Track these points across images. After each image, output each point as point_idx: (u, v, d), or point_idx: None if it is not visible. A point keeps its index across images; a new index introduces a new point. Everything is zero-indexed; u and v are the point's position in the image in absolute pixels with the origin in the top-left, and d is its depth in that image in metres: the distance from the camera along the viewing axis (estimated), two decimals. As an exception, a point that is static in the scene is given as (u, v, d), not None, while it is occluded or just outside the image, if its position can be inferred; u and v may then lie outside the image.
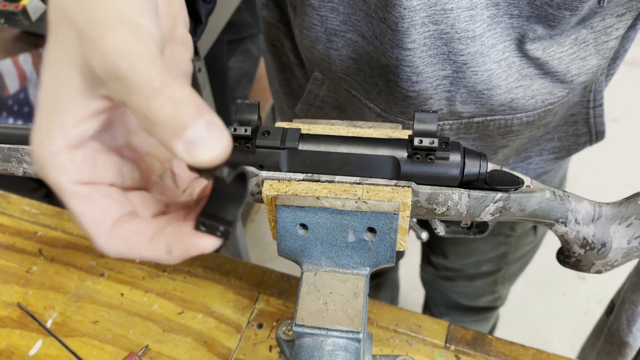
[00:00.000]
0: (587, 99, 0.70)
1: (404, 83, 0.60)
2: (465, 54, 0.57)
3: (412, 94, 0.61)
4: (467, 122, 0.64)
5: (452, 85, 0.60)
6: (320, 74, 0.66)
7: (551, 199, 0.50)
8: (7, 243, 0.75)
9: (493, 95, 0.60)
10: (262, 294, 0.68)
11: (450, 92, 0.61)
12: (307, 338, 0.47)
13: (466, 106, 0.62)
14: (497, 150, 0.69)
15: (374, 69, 0.62)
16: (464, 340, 0.62)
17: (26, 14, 1.01)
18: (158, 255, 0.32)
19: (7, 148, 0.54)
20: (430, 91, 0.60)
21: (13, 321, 0.67)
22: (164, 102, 0.27)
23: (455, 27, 0.55)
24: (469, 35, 0.55)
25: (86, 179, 0.31)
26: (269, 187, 0.48)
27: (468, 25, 0.55)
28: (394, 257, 0.49)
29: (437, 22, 0.55)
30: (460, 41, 0.56)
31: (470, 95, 0.61)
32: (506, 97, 0.61)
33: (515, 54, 0.59)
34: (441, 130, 0.65)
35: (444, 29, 0.55)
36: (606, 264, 0.55)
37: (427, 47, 0.57)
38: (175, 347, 0.64)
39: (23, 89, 1.41)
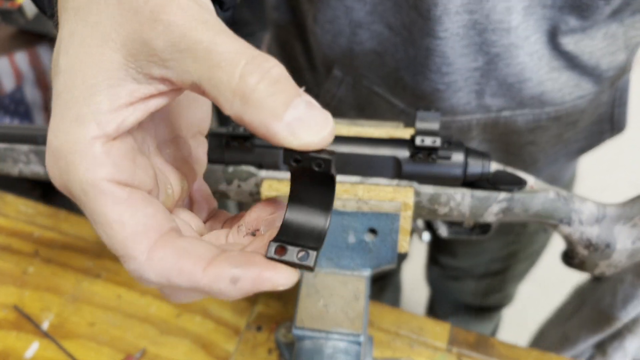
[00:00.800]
0: (613, 97, 0.69)
1: (433, 75, 0.58)
2: (498, 46, 0.56)
3: (441, 86, 0.59)
4: (495, 116, 0.62)
5: (483, 77, 0.59)
6: (339, 71, 0.64)
7: (555, 199, 0.49)
8: (3, 244, 0.74)
9: (523, 88, 0.59)
10: (261, 296, 0.67)
11: (480, 85, 0.59)
12: (307, 341, 0.47)
13: (495, 99, 0.61)
14: (522, 148, 0.67)
15: (400, 62, 0.60)
16: (466, 343, 0.62)
17: (22, 12, 1.00)
18: (219, 284, 0.24)
19: (2, 148, 0.53)
20: (460, 83, 0.59)
21: (9, 323, 0.67)
22: (262, 79, 0.23)
23: (490, 17, 0.53)
24: (504, 27, 0.54)
25: (125, 178, 0.25)
26: (268, 187, 0.48)
27: (504, 16, 0.53)
28: (395, 258, 0.49)
29: (471, 12, 0.53)
30: (495, 32, 0.55)
31: (501, 88, 0.59)
32: (536, 90, 0.59)
33: (546, 46, 0.58)
34: (468, 125, 0.64)
35: (478, 18, 0.54)
36: (610, 264, 0.55)
37: (460, 36, 0.55)
38: (173, 349, 0.63)
39: (19, 88, 1.40)
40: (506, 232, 0.93)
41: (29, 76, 1.42)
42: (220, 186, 0.50)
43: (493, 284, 1.09)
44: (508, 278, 1.06)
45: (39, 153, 0.53)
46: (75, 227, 0.75)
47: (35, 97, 1.46)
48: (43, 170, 0.53)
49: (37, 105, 1.47)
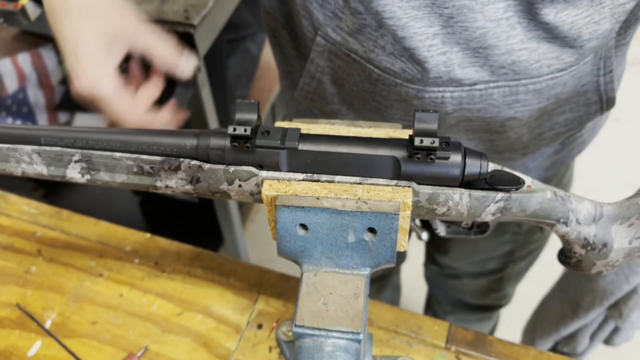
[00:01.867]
0: (597, 66, 0.67)
1: (390, 42, 0.58)
2: (449, 7, 0.55)
3: (404, 53, 0.59)
4: (469, 89, 0.61)
5: (445, 45, 0.58)
6: (322, 39, 0.65)
7: (552, 199, 0.50)
8: (6, 243, 0.75)
9: (490, 55, 0.58)
10: (262, 295, 0.68)
11: (445, 54, 0.58)
12: (307, 339, 0.47)
13: (465, 70, 0.60)
14: (505, 123, 0.66)
15: (370, 26, 0.60)
16: (464, 341, 0.62)
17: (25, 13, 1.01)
18: None
19: (5, 148, 0.54)
20: (424, 52, 0.58)
21: (12, 322, 0.67)
22: None
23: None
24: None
25: None
26: (269, 187, 0.48)
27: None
28: (394, 258, 0.49)
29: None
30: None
31: (466, 55, 0.58)
32: (506, 58, 0.58)
33: (520, 15, 0.56)
34: (442, 99, 0.63)
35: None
36: (607, 264, 0.55)
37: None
38: (175, 347, 0.64)
39: (22, 88, 1.41)
40: (501, 232, 0.93)
41: (32, 77, 1.43)
42: (221, 186, 0.51)
43: (490, 283, 1.09)
44: (505, 278, 1.06)
45: (42, 153, 0.53)
46: (78, 226, 0.76)
47: (38, 97, 1.47)
48: (46, 170, 0.54)
49: (40, 105, 1.48)
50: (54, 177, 0.54)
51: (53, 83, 1.49)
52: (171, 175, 0.52)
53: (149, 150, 0.51)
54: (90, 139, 0.52)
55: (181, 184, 0.52)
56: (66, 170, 0.53)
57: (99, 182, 0.54)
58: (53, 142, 0.53)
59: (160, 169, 0.51)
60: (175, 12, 1.02)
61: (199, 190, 0.52)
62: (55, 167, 0.53)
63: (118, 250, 0.73)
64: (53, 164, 0.53)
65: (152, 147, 0.51)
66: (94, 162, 0.52)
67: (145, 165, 0.51)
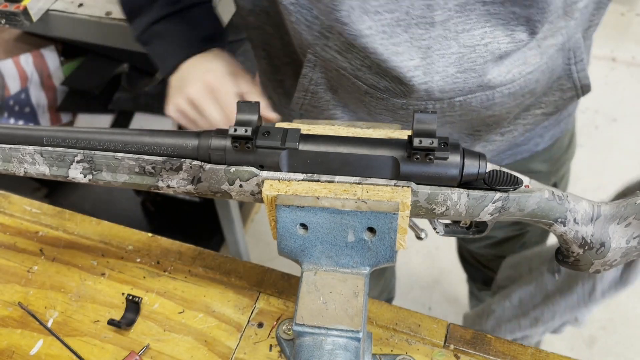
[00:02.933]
0: (567, 57, 0.70)
1: (376, 65, 0.62)
2: (426, 38, 0.59)
3: (389, 74, 0.62)
4: (449, 101, 0.65)
5: (426, 75, 0.61)
6: (312, 55, 0.67)
7: (550, 198, 0.50)
8: (8, 243, 0.75)
9: (468, 77, 0.61)
10: (263, 294, 0.68)
11: (426, 83, 0.62)
12: (307, 337, 0.48)
13: (446, 92, 0.63)
14: (485, 120, 0.70)
15: (356, 49, 0.63)
16: (463, 340, 0.63)
17: (27, 14, 1.01)
18: None
19: (8, 148, 0.54)
20: (406, 80, 0.62)
21: (14, 321, 0.68)
22: None
23: (410, 13, 0.57)
24: (427, 21, 0.58)
25: None
26: (269, 187, 0.49)
27: (426, 12, 0.57)
28: (393, 257, 0.50)
29: (390, 10, 0.57)
30: (419, 27, 0.58)
31: (446, 82, 0.62)
32: (482, 78, 0.62)
33: (499, 40, 0.60)
34: (425, 110, 0.65)
35: (399, 16, 0.58)
36: (605, 263, 0.56)
37: (387, 34, 0.59)
38: (176, 346, 0.64)
39: (24, 89, 1.41)
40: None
41: (34, 78, 1.43)
42: (222, 186, 0.51)
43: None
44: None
45: (44, 154, 0.53)
46: (80, 226, 0.76)
47: (40, 98, 1.47)
48: (48, 170, 0.54)
49: (42, 106, 1.48)
50: (57, 177, 0.55)
51: (55, 84, 1.50)
52: (173, 175, 0.52)
53: (150, 150, 0.52)
54: (93, 139, 0.53)
55: (183, 184, 0.52)
56: (68, 170, 0.54)
57: (101, 182, 0.54)
58: (55, 143, 0.53)
59: (161, 169, 0.52)
60: (176, 13, 1.02)
61: (200, 190, 0.53)
62: (58, 167, 0.54)
63: (120, 250, 0.73)
64: (55, 164, 0.54)
65: (154, 147, 0.52)
66: (96, 163, 0.53)
67: (147, 166, 0.52)
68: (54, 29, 1.09)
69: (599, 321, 1.70)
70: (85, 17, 1.05)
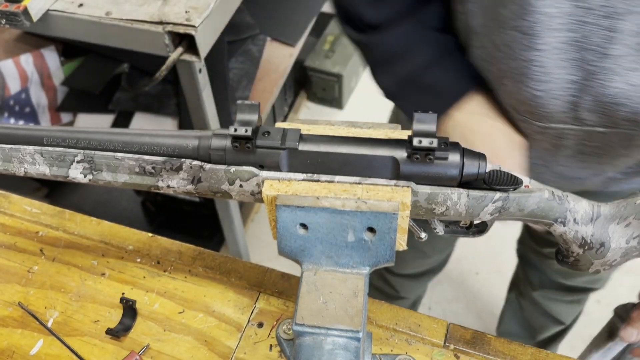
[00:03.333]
0: None
1: (532, 82, 0.62)
2: (595, 65, 0.59)
3: (539, 92, 0.63)
4: (590, 129, 0.65)
5: (580, 92, 0.61)
6: None
7: (550, 198, 0.50)
8: (9, 243, 0.75)
9: (619, 110, 0.61)
10: (263, 294, 0.68)
11: (575, 97, 0.62)
12: (307, 337, 0.48)
13: (591, 114, 0.63)
14: (617, 158, 0.70)
15: (502, 72, 0.66)
16: (463, 340, 0.63)
17: (27, 14, 1.01)
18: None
19: (8, 148, 0.54)
20: (557, 92, 0.62)
21: (14, 320, 0.68)
22: None
23: (588, 38, 0.58)
24: (601, 51, 0.58)
25: None
26: (269, 187, 0.49)
27: (604, 42, 0.58)
28: (393, 257, 0.50)
29: (572, 30, 0.58)
30: (591, 52, 0.59)
31: (597, 105, 0.62)
32: (632, 115, 0.61)
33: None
34: (562, 135, 0.67)
35: (577, 37, 0.58)
36: (605, 263, 0.56)
37: (559, 50, 0.60)
38: (176, 346, 0.64)
39: (24, 89, 1.41)
40: None
41: (34, 78, 1.43)
42: (222, 186, 0.51)
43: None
44: None
45: (44, 154, 0.53)
46: (80, 226, 0.76)
47: (40, 98, 1.47)
48: (49, 170, 0.54)
49: (42, 106, 1.48)
50: (57, 177, 0.55)
51: (55, 84, 1.50)
52: (173, 175, 0.52)
53: (150, 150, 0.52)
54: (93, 139, 0.53)
55: (183, 184, 0.52)
56: (69, 170, 0.54)
57: (101, 182, 0.54)
58: (55, 143, 0.53)
59: (162, 169, 0.52)
60: (176, 13, 1.02)
61: (201, 190, 0.53)
62: (58, 167, 0.54)
63: (120, 250, 0.73)
64: (55, 164, 0.54)
65: (154, 147, 0.52)
66: (96, 163, 0.53)
67: (147, 166, 0.52)
68: (54, 29, 1.09)
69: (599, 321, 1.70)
70: (85, 17, 1.05)
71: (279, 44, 1.65)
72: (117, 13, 1.04)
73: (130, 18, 1.03)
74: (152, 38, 1.03)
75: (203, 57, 1.07)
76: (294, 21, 1.70)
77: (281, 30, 1.67)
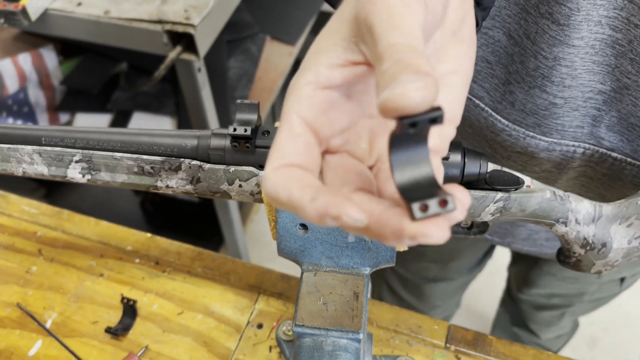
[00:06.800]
0: None
1: (554, 87, 0.55)
2: (631, 78, 0.52)
3: (559, 100, 0.56)
4: (604, 153, 0.58)
5: (605, 105, 0.55)
6: None
7: (551, 199, 0.50)
8: (7, 243, 0.75)
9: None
10: (262, 295, 0.68)
11: (599, 111, 0.56)
12: (307, 338, 0.47)
13: (610, 134, 0.57)
14: (624, 192, 0.61)
15: (513, 74, 0.57)
16: (464, 341, 0.62)
17: (26, 14, 1.01)
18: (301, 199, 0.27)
19: (6, 148, 0.54)
20: (579, 101, 0.55)
21: (12, 321, 0.67)
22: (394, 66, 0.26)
23: (633, 44, 0.50)
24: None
25: (310, 119, 0.32)
26: (269, 187, 0.48)
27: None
28: (394, 257, 0.49)
29: (615, 28, 0.49)
30: (632, 63, 0.51)
31: (620, 124, 0.56)
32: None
33: None
34: (572, 155, 0.60)
35: (620, 39, 0.50)
36: (607, 264, 0.55)
37: (595, 50, 0.51)
38: (175, 347, 0.64)
39: (22, 88, 1.41)
40: (575, 277, 0.91)
41: (32, 77, 1.43)
42: (221, 186, 0.51)
43: (551, 318, 1.09)
44: (567, 313, 1.05)
45: (42, 153, 0.53)
46: (78, 226, 0.76)
47: (39, 98, 1.47)
48: (47, 170, 0.54)
49: (41, 106, 1.48)
50: (55, 177, 0.54)
51: (54, 83, 1.50)
52: (172, 175, 0.52)
53: (149, 150, 0.51)
54: (91, 139, 0.52)
55: (182, 184, 0.52)
56: (67, 170, 0.54)
57: (99, 182, 0.54)
58: (54, 142, 0.53)
59: (160, 169, 0.52)
60: (175, 12, 1.02)
61: (200, 190, 0.52)
62: (56, 167, 0.54)
63: (119, 250, 0.73)
64: (54, 164, 0.53)
65: (153, 147, 0.51)
66: (94, 162, 0.53)
67: (145, 165, 0.52)
68: (52, 28, 1.08)
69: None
70: (84, 16, 1.04)
71: (278, 43, 1.65)
72: (116, 12, 1.04)
73: (129, 17, 1.03)
74: (151, 37, 1.02)
75: (202, 56, 1.07)
76: (294, 20, 1.69)
77: (281, 29, 1.67)
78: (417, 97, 0.25)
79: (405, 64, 0.26)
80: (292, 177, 0.29)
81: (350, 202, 0.26)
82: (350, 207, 0.26)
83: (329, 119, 0.33)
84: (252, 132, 0.47)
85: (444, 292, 1.14)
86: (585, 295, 0.96)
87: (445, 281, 1.08)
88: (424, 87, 0.26)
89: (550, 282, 0.97)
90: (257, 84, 1.59)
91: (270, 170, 0.29)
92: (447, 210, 0.26)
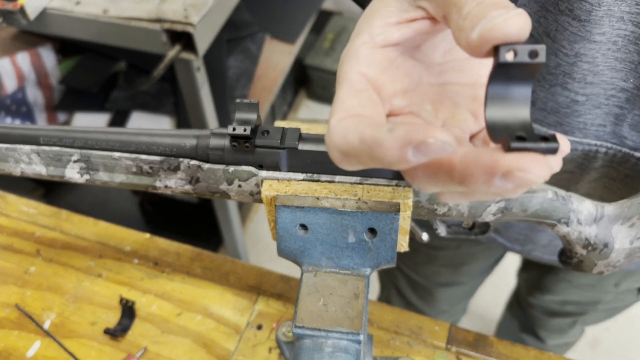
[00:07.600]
0: None
1: (576, 83, 0.54)
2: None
3: (580, 97, 0.55)
4: (627, 152, 0.57)
5: (627, 102, 0.54)
6: None
7: (553, 199, 0.50)
8: (5, 243, 0.74)
9: None
10: (262, 295, 0.68)
11: (622, 109, 0.55)
12: (307, 339, 0.47)
13: (633, 133, 0.56)
14: None
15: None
16: (465, 342, 0.62)
17: (24, 13, 1.01)
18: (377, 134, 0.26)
19: (4, 148, 0.53)
20: (602, 99, 0.54)
21: (11, 322, 0.67)
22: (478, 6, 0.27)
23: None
24: None
25: (371, 75, 0.31)
26: (269, 187, 0.48)
27: None
28: (394, 258, 0.49)
29: (637, 24, 0.48)
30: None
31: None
32: None
33: None
34: (594, 154, 0.59)
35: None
36: (608, 264, 0.55)
37: (617, 46, 0.50)
38: (174, 348, 0.64)
39: (21, 88, 1.40)
40: (592, 284, 0.90)
41: (31, 77, 1.42)
42: (221, 186, 0.50)
43: (563, 325, 1.08)
44: (579, 322, 1.05)
45: (41, 153, 0.53)
46: (77, 227, 0.75)
47: (37, 97, 1.46)
48: (45, 170, 0.54)
49: (39, 105, 1.48)
50: (53, 177, 0.54)
51: (52, 83, 1.49)
52: (170, 175, 0.51)
53: (148, 150, 0.51)
54: (89, 138, 0.52)
55: (180, 184, 0.52)
56: (65, 170, 0.53)
57: (98, 182, 0.53)
58: (52, 142, 0.53)
59: (159, 169, 0.51)
60: (174, 11, 1.02)
61: (199, 190, 0.52)
62: (54, 167, 0.53)
63: (117, 251, 0.73)
64: (52, 163, 0.53)
65: (152, 147, 0.51)
66: (93, 162, 0.52)
67: (144, 165, 0.51)
68: (51, 27, 1.08)
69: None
70: (82, 15, 1.04)
71: (278, 42, 1.65)
72: (115, 11, 1.03)
73: (128, 16, 1.02)
74: (150, 36, 1.02)
75: (201, 55, 1.06)
76: (294, 19, 1.69)
77: (280, 28, 1.66)
78: (519, 23, 0.26)
79: (490, 3, 0.27)
80: (361, 121, 0.28)
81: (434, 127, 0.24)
82: (435, 130, 0.24)
83: (391, 77, 0.32)
84: (252, 131, 0.47)
85: (453, 296, 1.13)
86: (600, 304, 0.95)
87: (455, 285, 1.08)
88: (521, 15, 0.26)
89: (566, 288, 0.96)
90: (256, 83, 1.58)
91: (336, 121, 0.29)
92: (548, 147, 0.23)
